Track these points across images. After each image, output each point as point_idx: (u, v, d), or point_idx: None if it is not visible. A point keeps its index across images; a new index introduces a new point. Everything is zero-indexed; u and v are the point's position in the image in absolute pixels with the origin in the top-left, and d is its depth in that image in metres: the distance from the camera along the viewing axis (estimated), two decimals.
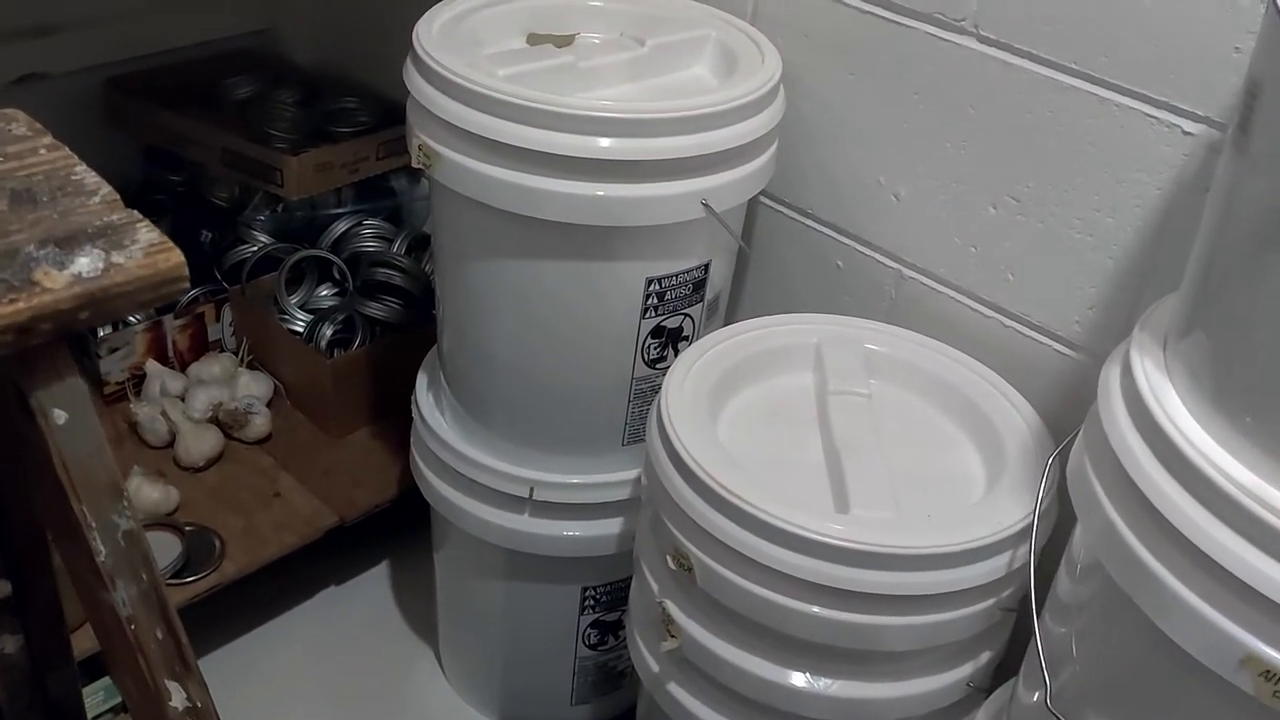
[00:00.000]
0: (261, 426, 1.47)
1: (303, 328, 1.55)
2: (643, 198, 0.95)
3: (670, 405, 0.96)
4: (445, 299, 1.14)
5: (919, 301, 1.11)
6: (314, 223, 1.59)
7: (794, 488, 0.92)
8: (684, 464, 0.91)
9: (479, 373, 1.14)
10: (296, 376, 1.52)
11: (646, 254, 1.01)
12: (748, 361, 1.04)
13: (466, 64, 0.96)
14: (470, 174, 0.96)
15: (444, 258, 1.12)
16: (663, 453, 0.94)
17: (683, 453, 0.91)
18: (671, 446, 0.93)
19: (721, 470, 0.89)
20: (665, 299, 1.05)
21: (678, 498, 0.91)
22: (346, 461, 1.48)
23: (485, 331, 1.10)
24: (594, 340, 1.06)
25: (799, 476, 0.94)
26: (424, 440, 1.23)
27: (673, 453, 0.93)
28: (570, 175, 0.93)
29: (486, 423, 1.16)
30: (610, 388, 1.10)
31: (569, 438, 1.14)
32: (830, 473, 0.94)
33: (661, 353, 1.09)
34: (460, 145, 0.96)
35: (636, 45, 1.06)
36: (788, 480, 0.93)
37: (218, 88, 1.65)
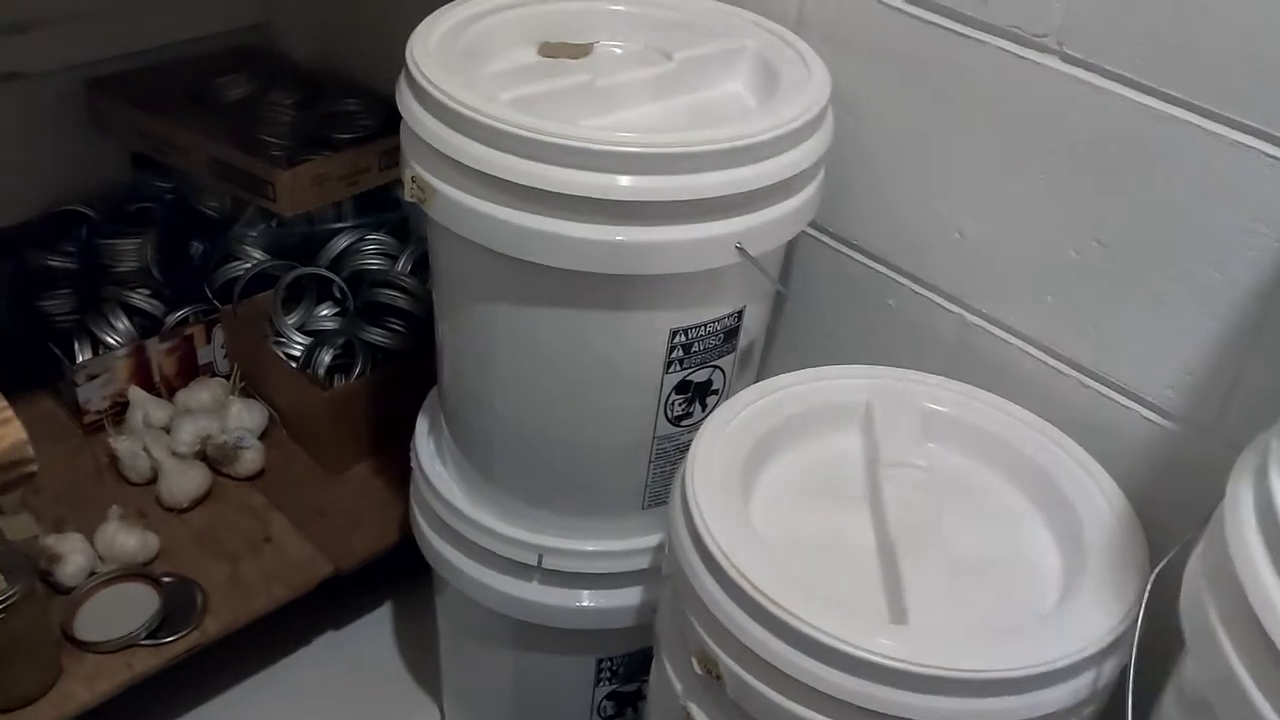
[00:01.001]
0: (253, 462, 1.37)
1: (300, 351, 1.44)
2: (667, 242, 0.84)
3: (696, 482, 0.85)
4: (445, 340, 1.03)
5: (983, 351, 0.99)
6: (312, 238, 1.48)
7: (841, 586, 0.80)
8: (711, 555, 0.79)
9: (481, 425, 1.03)
10: (292, 406, 1.42)
11: (670, 303, 0.89)
12: (787, 424, 0.93)
13: (465, 84, 0.84)
14: (470, 213, 0.85)
15: (443, 297, 1.01)
16: (686, 538, 0.83)
17: (709, 541, 0.80)
18: (697, 533, 0.81)
19: (755, 564, 0.77)
20: (692, 351, 0.93)
21: (704, 594, 0.80)
22: (344, 500, 1.37)
23: (487, 382, 0.98)
24: (610, 397, 0.95)
25: (847, 571, 0.82)
26: (423, 494, 1.12)
27: (698, 540, 0.81)
28: (584, 217, 0.82)
29: (491, 478, 1.05)
30: (629, 447, 0.99)
31: (582, 500, 1.03)
32: (884, 568, 0.82)
33: (687, 409, 0.97)
34: (459, 180, 0.85)
35: (662, 59, 0.94)
36: (834, 576, 0.81)
37: (209, 88, 1.54)
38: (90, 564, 1.22)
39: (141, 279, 1.45)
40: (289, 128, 1.47)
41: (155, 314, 1.43)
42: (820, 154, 0.89)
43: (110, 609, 1.19)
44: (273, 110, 1.50)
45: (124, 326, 1.39)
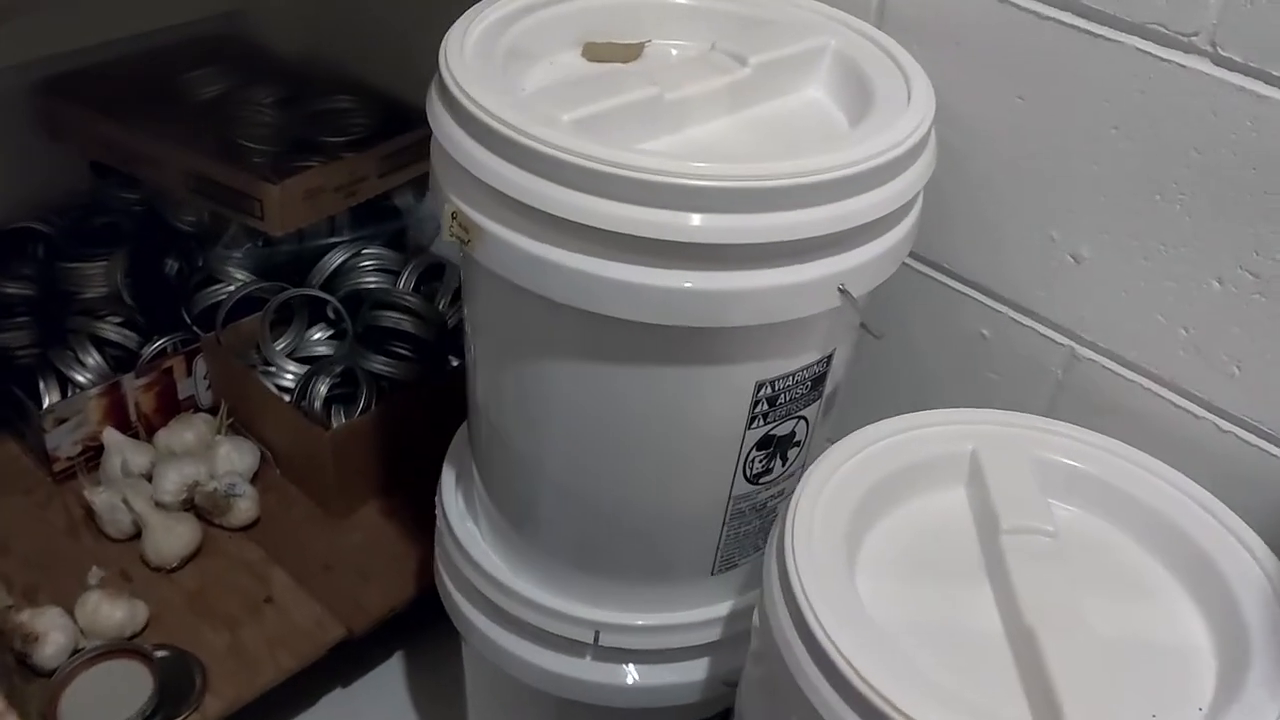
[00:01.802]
0: (247, 511, 1.25)
1: (293, 382, 1.32)
2: (759, 290, 0.72)
3: (796, 554, 0.74)
4: (484, 394, 0.91)
5: (1097, 389, 0.89)
6: (303, 255, 1.35)
7: (975, 685, 0.70)
8: (819, 646, 0.68)
9: (527, 486, 0.92)
10: (288, 444, 1.30)
11: (757, 353, 0.78)
12: (887, 483, 0.82)
13: (517, 104, 0.72)
14: (525, 257, 0.73)
15: (483, 347, 0.89)
16: (787, 621, 0.72)
17: (817, 629, 0.69)
18: (801, 618, 0.71)
19: (871, 658, 0.67)
20: (777, 404, 0.82)
21: (811, 691, 0.69)
22: (351, 551, 1.26)
23: (537, 442, 0.87)
24: (683, 457, 0.84)
25: (977, 663, 0.72)
26: (452, 556, 1.01)
27: (804, 628, 0.70)
28: (668, 262, 0.70)
29: (536, 542, 0.94)
30: (701, 510, 0.88)
31: (645, 567, 0.92)
32: (1021, 660, 0.72)
33: (767, 465, 0.86)
34: (513, 219, 0.73)
35: (734, 64, 0.82)
36: (963, 671, 0.71)
37: (177, 87, 1.40)
38: (72, 641, 1.10)
39: (111, 306, 1.32)
40: (271, 130, 1.34)
41: (129, 346, 1.30)
42: (928, 176, 0.78)
43: (98, 692, 1.07)
44: (252, 110, 1.37)
45: (94, 361, 1.26)
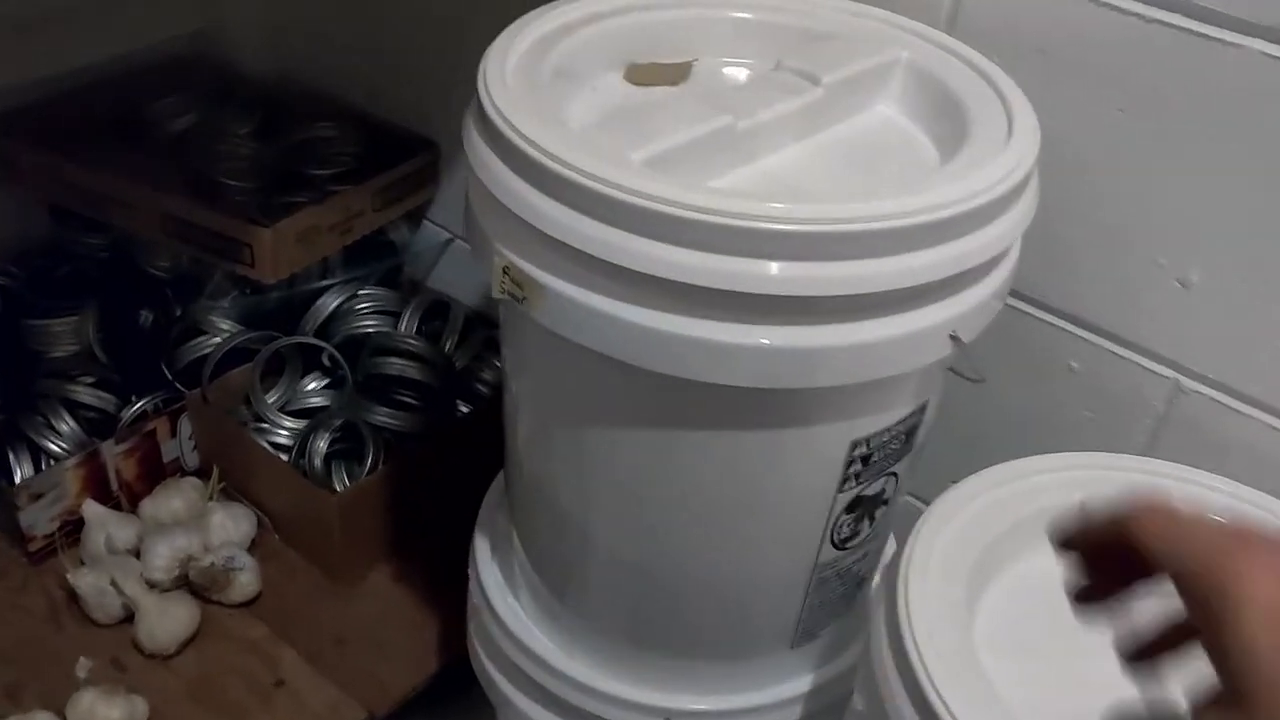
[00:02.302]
0: (248, 584, 1.15)
1: (289, 438, 1.22)
2: (865, 344, 0.64)
3: (918, 636, 0.66)
4: (531, 458, 0.82)
5: (1206, 425, 0.82)
6: (293, 301, 1.25)
7: None
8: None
9: (582, 560, 0.83)
10: (287, 507, 1.20)
11: (854, 410, 0.70)
12: (996, 546, 0.74)
13: (577, 142, 0.63)
14: (595, 316, 0.64)
15: (532, 407, 0.80)
16: (906, 706, 0.65)
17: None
18: (926, 704, 0.63)
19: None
20: (871, 462, 0.74)
21: None
22: (365, 622, 1.16)
23: (597, 514, 0.78)
24: (765, 526, 0.76)
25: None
26: (492, 635, 0.92)
27: (928, 714, 0.63)
28: (757, 317, 0.62)
29: (590, 620, 0.86)
30: (783, 580, 0.80)
31: (718, 645, 0.83)
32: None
33: (855, 528, 0.78)
34: (580, 273, 0.64)
35: (807, 84, 0.74)
36: None
37: (143, 117, 1.30)
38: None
39: (84, 365, 1.21)
40: (251, 164, 1.24)
41: (106, 408, 1.19)
42: (1035, 208, 0.70)
43: None
44: (229, 143, 1.26)
45: (69, 428, 1.16)
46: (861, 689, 0.76)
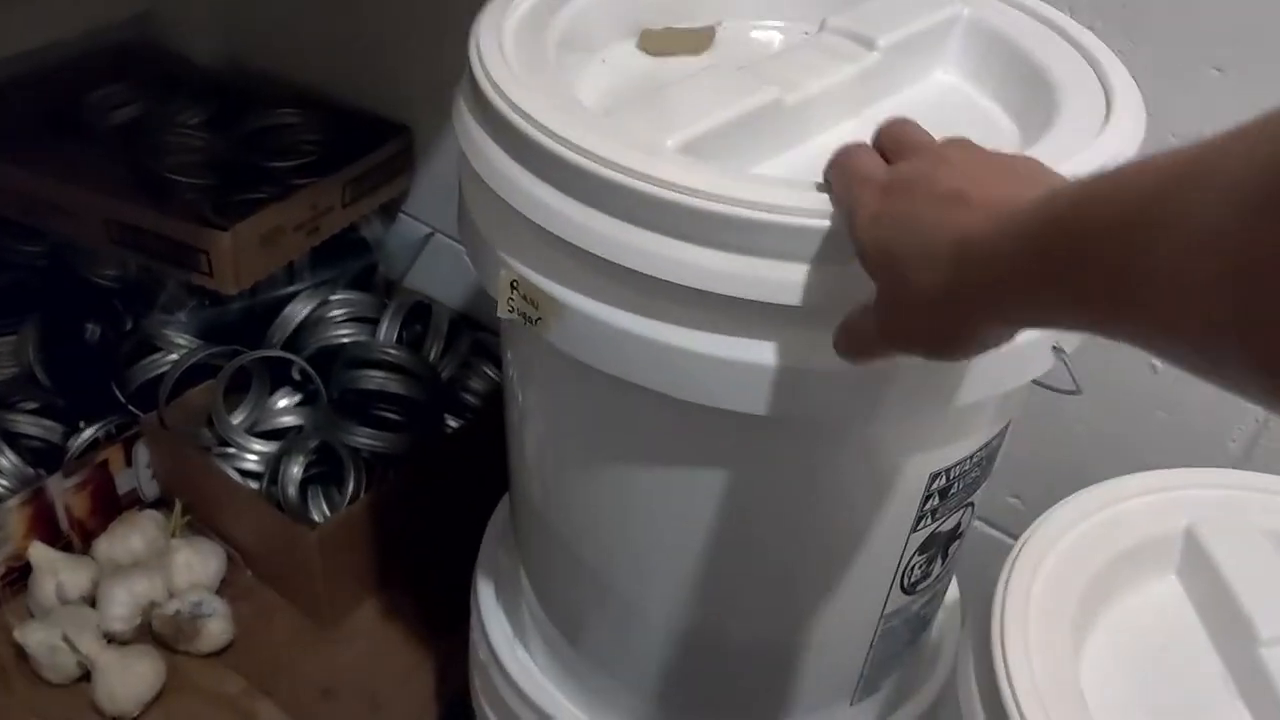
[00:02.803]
0: (220, 632, 1.03)
1: (258, 463, 1.10)
2: (959, 365, 0.53)
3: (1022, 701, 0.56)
4: (539, 497, 0.71)
5: None
6: (257, 310, 1.12)
7: None
8: None
9: (606, 614, 0.72)
10: (260, 542, 1.08)
11: (934, 439, 0.59)
12: (1094, 582, 0.64)
13: (598, 127, 0.52)
14: (626, 340, 0.53)
15: (540, 442, 0.68)
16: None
17: None
18: None
19: None
20: (949, 495, 0.63)
21: None
22: (352, 668, 1.04)
23: (625, 566, 0.67)
24: (825, 576, 0.65)
25: None
26: (501, 695, 0.81)
27: None
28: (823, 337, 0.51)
29: (618, 678, 0.75)
30: (844, 635, 0.69)
31: (766, 708, 0.72)
32: None
33: (927, 569, 0.67)
34: (607, 287, 0.53)
35: (860, 49, 0.62)
36: None
37: (82, 111, 1.17)
38: None
39: (23, 390, 1.09)
40: (204, 158, 1.12)
41: (50, 438, 1.07)
42: None
43: None
44: (178, 135, 1.14)
45: (9, 463, 1.04)
46: None
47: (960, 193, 0.41)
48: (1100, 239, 0.32)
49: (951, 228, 0.40)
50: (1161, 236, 0.30)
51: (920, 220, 0.42)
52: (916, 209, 0.42)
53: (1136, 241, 0.31)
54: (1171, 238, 0.30)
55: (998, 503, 0.89)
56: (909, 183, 0.43)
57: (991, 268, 0.38)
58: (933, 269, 0.41)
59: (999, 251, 0.38)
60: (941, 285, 0.40)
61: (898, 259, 0.42)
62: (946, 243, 0.40)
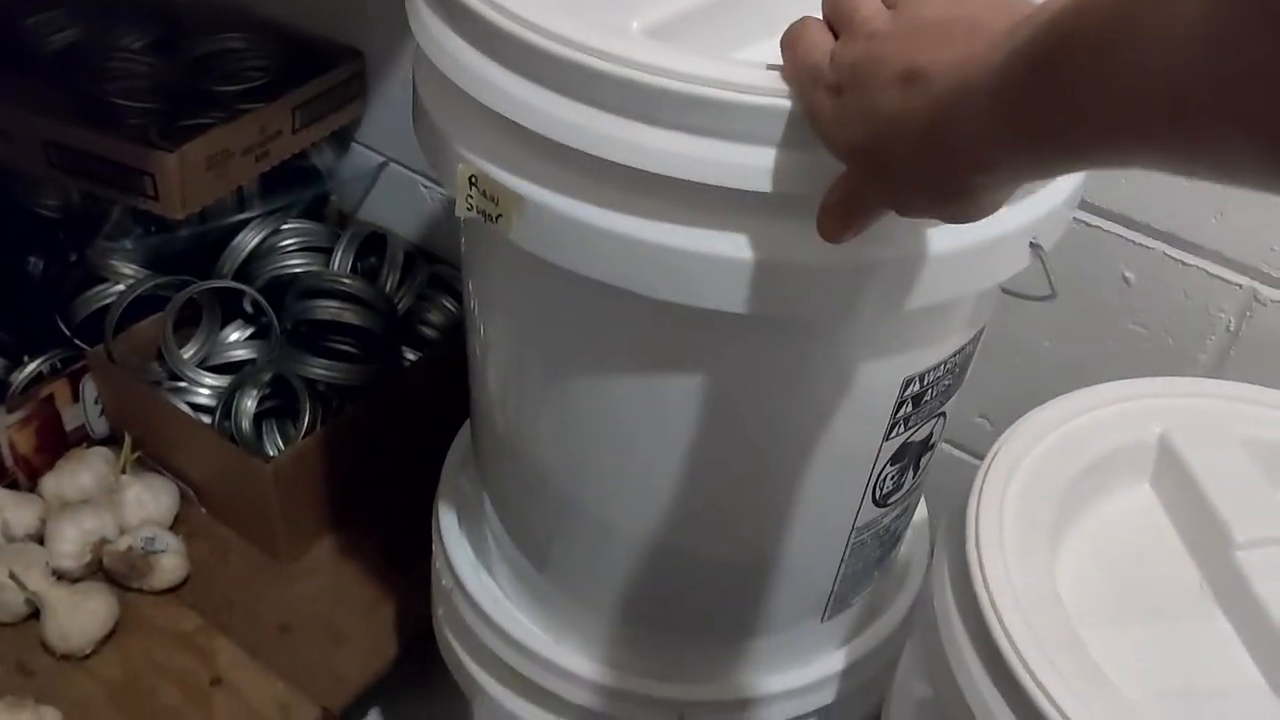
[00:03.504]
0: (174, 568, 1.00)
1: (210, 397, 1.07)
2: (936, 257, 0.51)
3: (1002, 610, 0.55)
4: (501, 413, 0.69)
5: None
6: (206, 239, 1.08)
7: None
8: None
9: (572, 533, 0.70)
10: (213, 477, 1.05)
11: (908, 341, 0.58)
12: (1071, 489, 0.63)
13: (560, 7, 0.49)
14: (591, 235, 0.51)
15: (501, 351, 0.66)
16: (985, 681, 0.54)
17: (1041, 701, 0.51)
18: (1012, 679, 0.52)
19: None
20: (923, 403, 0.62)
21: None
22: (310, 604, 1.02)
23: (590, 481, 0.65)
24: (796, 488, 0.63)
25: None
26: (466, 622, 0.79)
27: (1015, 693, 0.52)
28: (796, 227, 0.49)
29: (586, 602, 0.73)
30: (815, 548, 0.67)
31: (737, 625, 0.71)
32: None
33: (899, 480, 0.66)
34: (572, 179, 0.50)
35: None
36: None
37: (19, 35, 1.12)
38: None
39: None
40: (150, 82, 1.08)
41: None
42: None
43: None
44: (121, 59, 1.09)
45: None
46: (920, 669, 0.64)
47: (912, 71, 0.39)
48: (1086, 53, 0.31)
49: (914, 112, 0.39)
50: (1149, 33, 0.29)
51: (880, 112, 0.40)
52: (874, 102, 0.40)
53: (1124, 44, 0.30)
54: (1157, 34, 0.29)
55: (966, 424, 0.87)
56: (856, 76, 0.41)
57: (974, 127, 0.37)
58: (912, 152, 0.39)
59: (980, 110, 0.36)
60: (928, 163, 0.39)
61: (873, 152, 0.41)
62: (914, 128, 0.39)
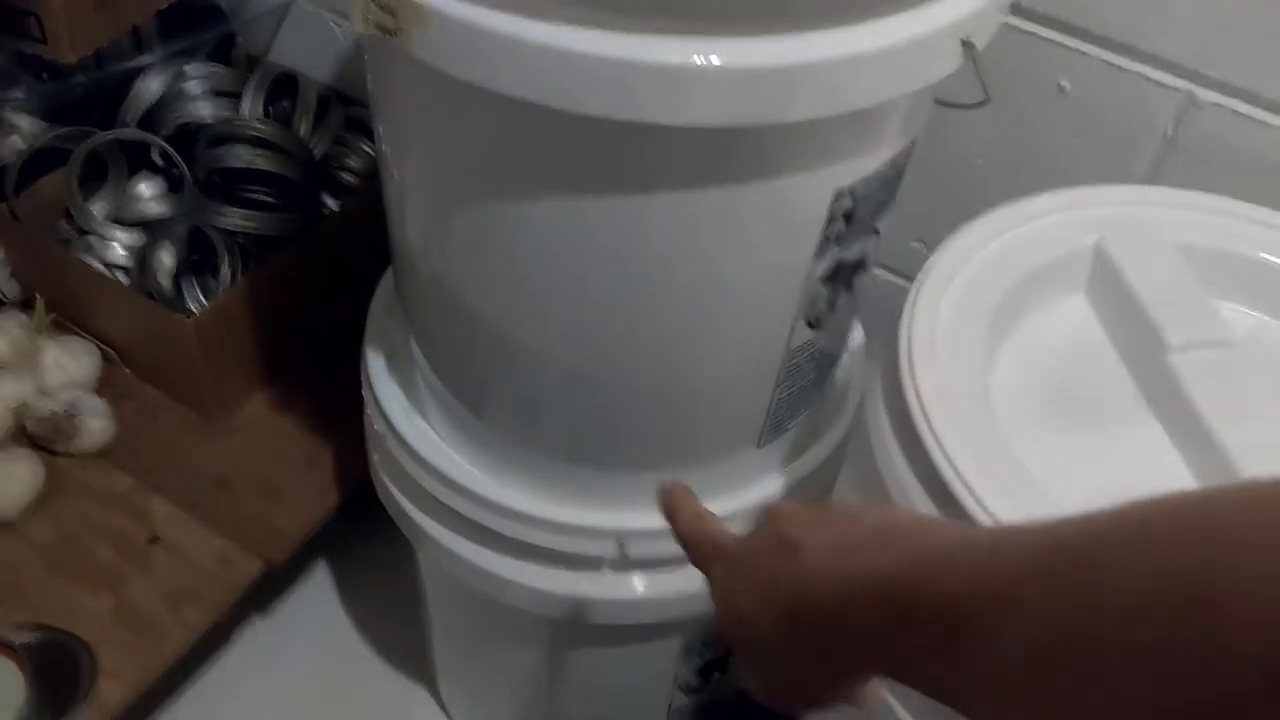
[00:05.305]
0: (100, 430, 0.98)
1: (125, 255, 1.03)
2: (861, 57, 0.49)
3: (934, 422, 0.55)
4: (421, 250, 0.66)
5: (1223, 144, 0.70)
6: (105, 86, 1.02)
7: None
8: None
9: (502, 369, 0.68)
10: (135, 337, 1.02)
11: (837, 150, 0.55)
12: (1006, 301, 0.62)
13: None
14: (499, 44, 0.47)
15: (415, 184, 0.63)
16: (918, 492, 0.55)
17: (969, 502, 0.52)
18: (943, 486, 0.53)
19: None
20: (855, 218, 0.60)
21: None
22: (246, 458, 1.00)
23: (517, 314, 0.63)
24: (726, 310, 0.62)
25: None
26: (402, 465, 0.78)
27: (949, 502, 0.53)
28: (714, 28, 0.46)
29: (521, 438, 0.72)
30: (748, 373, 0.66)
31: (672, 452, 0.71)
32: None
33: (832, 302, 0.65)
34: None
35: None
36: None
37: None
38: None
39: None
40: None
41: None
42: None
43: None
44: None
45: None
46: (855, 489, 0.64)
47: (795, 542, 0.40)
48: (928, 616, 0.32)
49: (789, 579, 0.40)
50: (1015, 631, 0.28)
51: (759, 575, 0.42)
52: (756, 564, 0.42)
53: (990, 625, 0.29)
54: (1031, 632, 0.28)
55: (901, 249, 0.86)
56: (749, 547, 0.44)
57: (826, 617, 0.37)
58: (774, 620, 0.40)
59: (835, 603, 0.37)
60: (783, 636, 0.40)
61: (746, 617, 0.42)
62: (782, 599, 0.40)
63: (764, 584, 0.41)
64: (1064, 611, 0.27)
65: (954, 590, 0.31)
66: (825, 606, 0.37)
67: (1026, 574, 0.29)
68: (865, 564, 0.36)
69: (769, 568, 0.41)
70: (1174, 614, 0.24)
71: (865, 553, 0.36)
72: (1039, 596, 0.28)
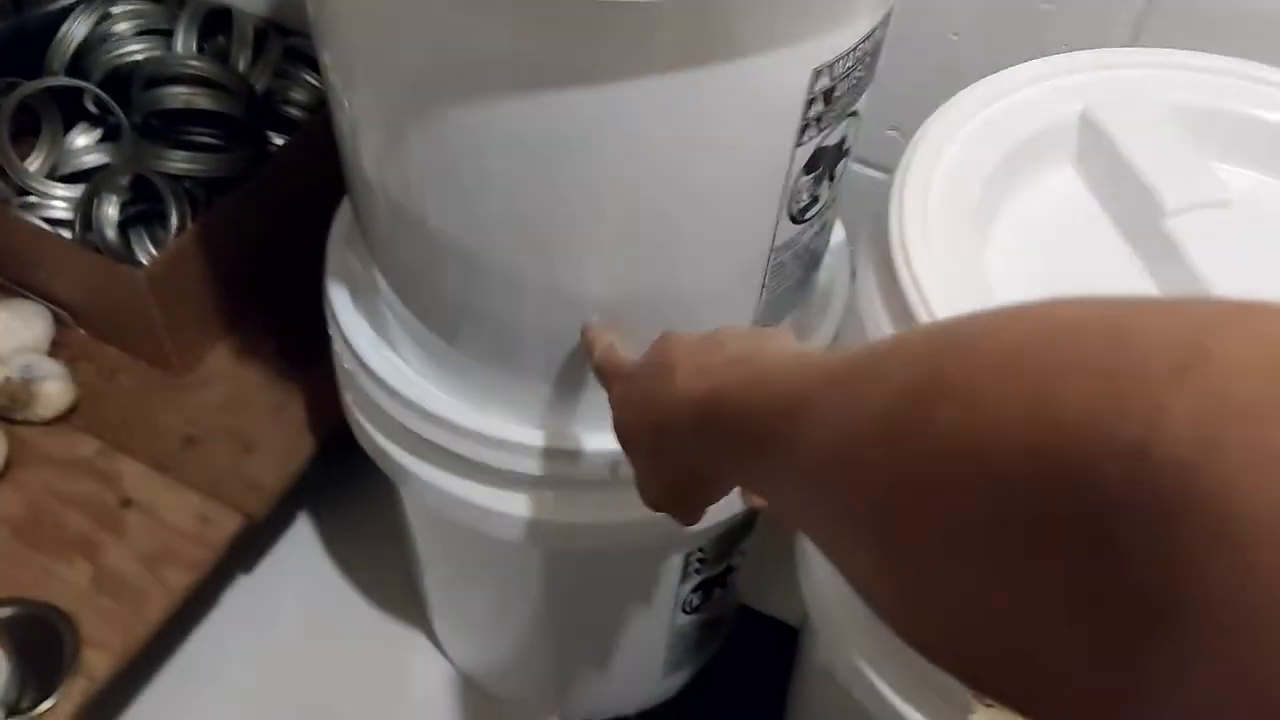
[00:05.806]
0: (59, 395, 0.94)
1: (66, 209, 0.98)
2: None
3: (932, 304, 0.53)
4: (378, 175, 0.62)
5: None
6: (27, 31, 0.96)
7: None
8: None
9: (477, 294, 0.65)
10: (85, 295, 0.98)
11: (812, 24, 0.52)
12: (987, 180, 0.60)
13: None
14: None
15: (364, 102, 0.59)
16: None
17: None
18: None
19: None
20: (834, 99, 0.57)
21: None
22: (214, 412, 0.97)
23: (485, 231, 0.60)
24: (705, 208, 0.58)
25: None
26: (378, 403, 0.75)
27: None
28: None
29: (498, 365, 0.69)
30: (731, 275, 0.64)
31: None
32: None
33: (814, 192, 0.62)
34: None
35: None
36: None
37: None
38: None
39: None
40: None
41: None
42: None
43: None
44: None
45: None
46: None
47: (669, 363, 0.43)
48: (750, 426, 0.35)
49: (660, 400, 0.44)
50: (803, 442, 0.31)
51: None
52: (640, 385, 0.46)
53: (782, 436, 0.32)
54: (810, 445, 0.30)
55: (877, 138, 0.83)
56: (637, 370, 0.48)
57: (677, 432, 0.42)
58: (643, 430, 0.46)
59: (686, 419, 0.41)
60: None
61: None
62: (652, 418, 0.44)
63: (643, 402, 0.45)
64: (836, 415, 0.29)
65: (760, 407, 0.35)
66: (682, 424, 0.41)
67: (819, 386, 0.31)
68: (715, 386, 0.39)
69: (648, 389, 0.45)
70: (900, 410, 0.26)
71: (718, 376, 0.40)
72: (822, 406, 0.30)
